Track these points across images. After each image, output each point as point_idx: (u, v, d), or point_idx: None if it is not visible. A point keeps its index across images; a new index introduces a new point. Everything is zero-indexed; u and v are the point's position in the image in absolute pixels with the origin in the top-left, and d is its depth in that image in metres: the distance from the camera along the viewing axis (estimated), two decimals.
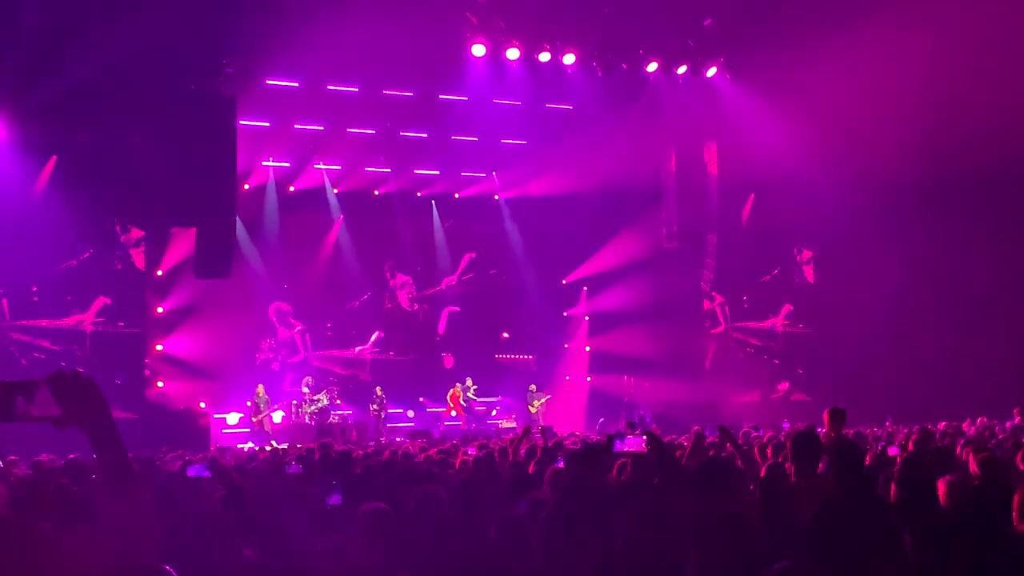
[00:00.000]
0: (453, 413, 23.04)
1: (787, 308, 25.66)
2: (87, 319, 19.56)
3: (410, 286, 25.08)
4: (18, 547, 2.56)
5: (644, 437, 4.28)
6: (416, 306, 25.10)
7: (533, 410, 22.66)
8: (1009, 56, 16.98)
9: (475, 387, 23.62)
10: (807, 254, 25.59)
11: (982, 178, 21.33)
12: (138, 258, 20.10)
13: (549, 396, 23.53)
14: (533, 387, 23.38)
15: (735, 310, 25.40)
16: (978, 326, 22.16)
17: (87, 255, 19.63)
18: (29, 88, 16.64)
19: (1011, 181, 21.30)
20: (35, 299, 19.25)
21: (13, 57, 15.79)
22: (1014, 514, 4.54)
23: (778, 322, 25.75)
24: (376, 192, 24.13)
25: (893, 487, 4.93)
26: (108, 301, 19.68)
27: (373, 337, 24.42)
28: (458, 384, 23.33)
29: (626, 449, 4.42)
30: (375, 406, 21.59)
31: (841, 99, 18.89)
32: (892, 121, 18.75)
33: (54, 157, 18.50)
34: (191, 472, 7.20)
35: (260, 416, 20.43)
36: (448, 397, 23.21)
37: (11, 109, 17.44)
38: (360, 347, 24.32)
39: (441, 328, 25.25)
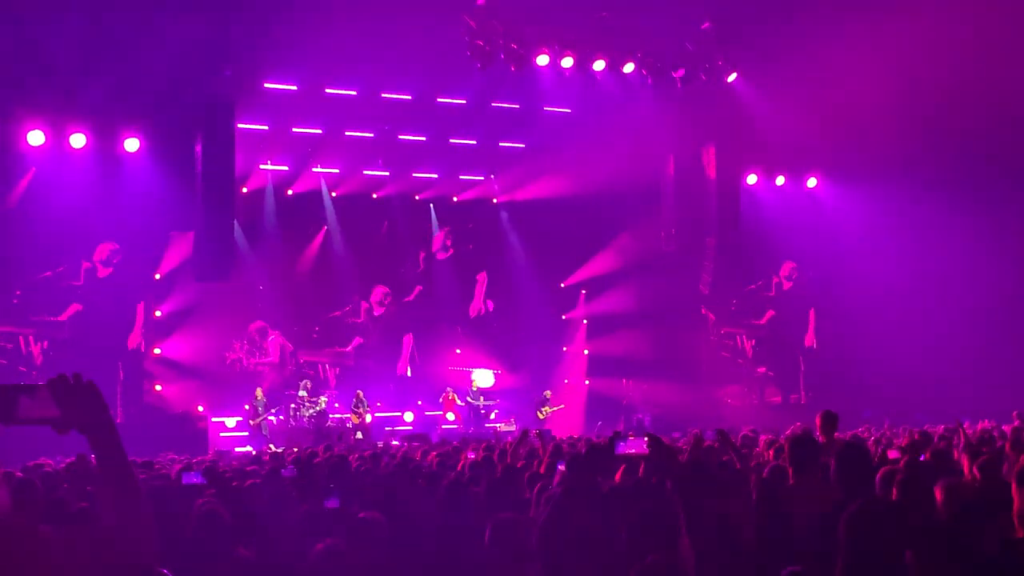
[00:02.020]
0: (451, 416, 23.01)
1: (775, 313, 25.74)
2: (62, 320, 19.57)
3: (384, 295, 24.90)
4: (19, 551, 2.55)
5: (646, 439, 4.29)
6: (382, 309, 24.87)
7: (542, 416, 22.60)
8: (1015, 50, 16.97)
9: (483, 398, 23.52)
10: (789, 265, 25.65)
11: (982, 178, 21.38)
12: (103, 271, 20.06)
13: (562, 406, 23.45)
14: (548, 393, 23.29)
15: (731, 313, 25.44)
16: (978, 328, 22.19)
17: (61, 269, 19.60)
18: (27, 91, 16.66)
19: (1011, 181, 21.35)
20: (15, 301, 19.22)
21: (13, 61, 15.80)
22: (1014, 519, 4.54)
23: (773, 326, 25.79)
24: (374, 195, 24.12)
25: (895, 490, 4.93)
26: (80, 307, 19.63)
27: (352, 342, 24.29)
28: (449, 388, 23.23)
29: (628, 451, 4.42)
30: (361, 409, 21.48)
31: (841, 101, 18.91)
32: (892, 123, 18.77)
33: (32, 169, 18.45)
34: (186, 480, 7.19)
35: (258, 419, 20.41)
36: (441, 400, 23.12)
37: (10, 113, 17.46)
38: (340, 348, 24.21)
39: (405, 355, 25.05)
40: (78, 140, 18.01)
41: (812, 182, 24.62)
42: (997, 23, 16.64)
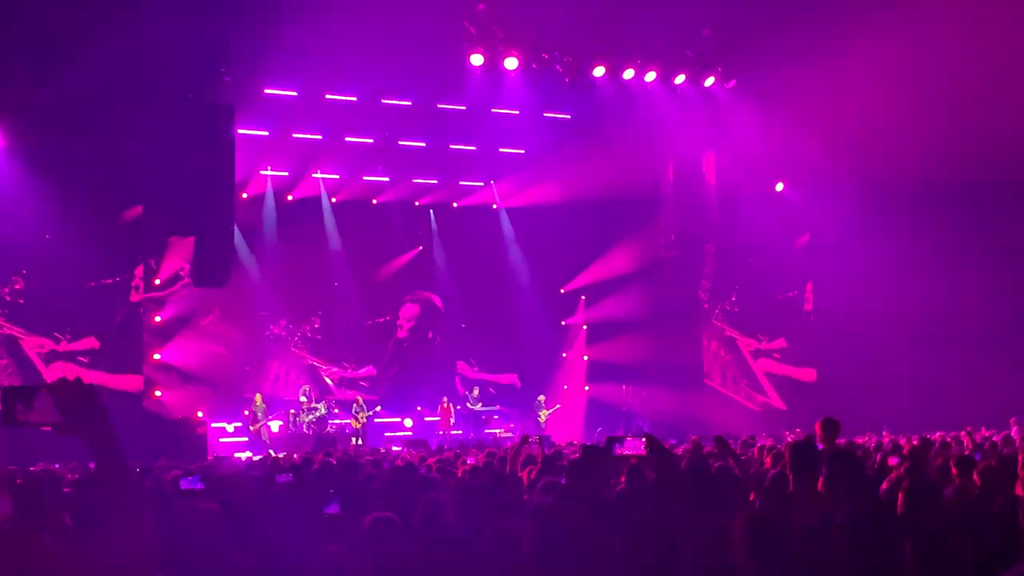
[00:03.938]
0: (452, 421, 22.99)
1: (784, 317, 25.70)
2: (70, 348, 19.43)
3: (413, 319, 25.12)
4: (20, 560, 2.55)
5: (643, 439, 4.27)
6: (406, 330, 25.05)
7: (542, 420, 22.67)
8: (1011, 62, 17.00)
9: (481, 403, 23.50)
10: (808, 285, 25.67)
11: (982, 189, 21.38)
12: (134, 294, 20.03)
13: (559, 406, 23.52)
14: (542, 397, 23.35)
15: (733, 320, 25.43)
16: (977, 333, 22.19)
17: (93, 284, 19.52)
18: (28, 97, 16.64)
19: (1012, 190, 21.35)
20: (21, 301, 19.11)
21: (12, 66, 15.80)
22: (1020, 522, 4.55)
23: (777, 332, 25.77)
24: (374, 201, 24.15)
25: (901, 496, 4.94)
26: (96, 345, 19.53)
27: (363, 370, 24.30)
28: (445, 397, 23.15)
29: (625, 452, 4.39)
30: (362, 415, 21.45)
31: (840, 109, 18.92)
32: (892, 131, 18.77)
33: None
34: (184, 484, 7.17)
35: (258, 425, 20.39)
36: (440, 409, 23.03)
37: (10, 118, 17.44)
38: (350, 368, 24.21)
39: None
40: (78, 147, 18.01)
41: (811, 189, 24.60)
42: (1000, 34, 16.66)
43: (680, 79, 20.14)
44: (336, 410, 21.99)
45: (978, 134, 18.39)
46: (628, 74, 19.59)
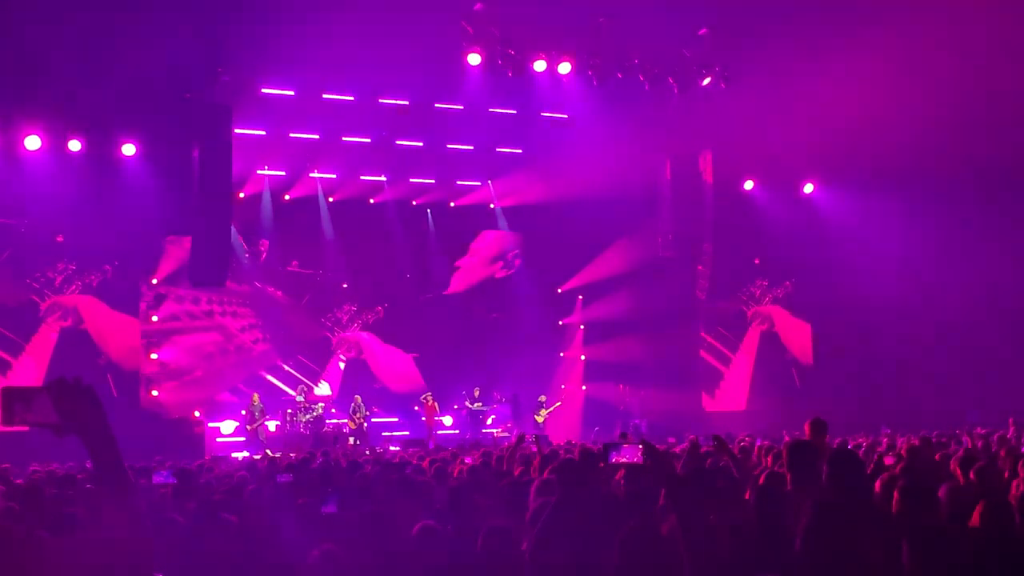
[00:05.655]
0: (448, 421, 22.95)
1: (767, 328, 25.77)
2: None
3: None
4: (15, 557, 2.55)
5: (640, 447, 4.24)
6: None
7: (540, 420, 22.65)
8: (1007, 58, 17.02)
9: (481, 403, 23.46)
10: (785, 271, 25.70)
11: (980, 184, 21.40)
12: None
13: (559, 404, 23.53)
14: (543, 398, 23.35)
15: (724, 319, 25.48)
16: (974, 333, 22.22)
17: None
18: (26, 96, 16.63)
19: (1010, 187, 21.39)
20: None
21: (10, 65, 15.78)
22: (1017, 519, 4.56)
23: (778, 330, 25.81)
24: (371, 200, 24.14)
25: (896, 495, 4.94)
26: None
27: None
28: (428, 394, 23.07)
29: (622, 459, 4.36)
30: (358, 416, 21.42)
31: (837, 108, 18.94)
32: (889, 130, 18.80)
33: None
34: (157, 479, 7.17)
35: (255, 425, 20.37)
36: (422, 403, 22.86)
37: (7, 117, 17.43)
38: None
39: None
40: (75, 145, 18.00)
41: (809, 188, 24.65)
42: (997, 30, 16.68)
43: (677, 78, 20.12)
44: (333, 410, 21.97)
45: (977, 127, 18.43)
46: (625, 73, 19.58)
